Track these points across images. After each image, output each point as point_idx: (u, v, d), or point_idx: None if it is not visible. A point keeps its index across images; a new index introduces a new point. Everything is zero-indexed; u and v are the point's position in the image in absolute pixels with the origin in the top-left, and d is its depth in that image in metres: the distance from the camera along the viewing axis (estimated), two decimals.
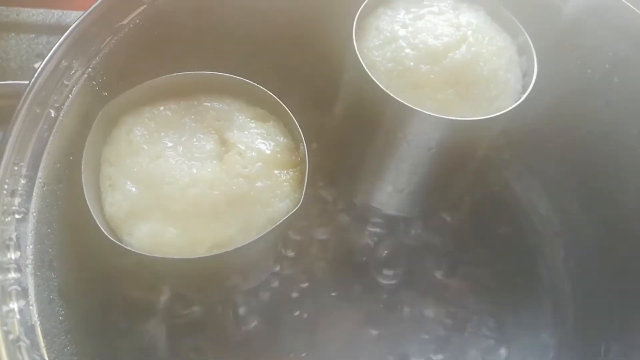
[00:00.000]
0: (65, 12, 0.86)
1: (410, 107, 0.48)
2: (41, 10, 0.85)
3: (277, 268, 0.59)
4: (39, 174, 0.42)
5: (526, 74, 0.55)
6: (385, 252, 0.66)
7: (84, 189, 0.45)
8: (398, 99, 0.48)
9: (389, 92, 0.48)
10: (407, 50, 0.52)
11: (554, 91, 0.58)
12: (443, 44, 0.52)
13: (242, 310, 0.57)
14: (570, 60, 0.60)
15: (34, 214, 0.41)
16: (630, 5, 0.55)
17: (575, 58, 0.60)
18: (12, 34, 0.83)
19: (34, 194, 0.42)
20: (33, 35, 0.83)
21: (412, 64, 0.51)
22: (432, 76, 0.51)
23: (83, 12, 0.47)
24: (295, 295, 0.61)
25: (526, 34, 0.56)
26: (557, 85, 0.58)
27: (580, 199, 0.65)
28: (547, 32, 0.58)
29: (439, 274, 0.65)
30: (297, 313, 0.60)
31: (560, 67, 0.59)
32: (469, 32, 0.54)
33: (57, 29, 0.83)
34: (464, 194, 0.68)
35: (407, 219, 0.67)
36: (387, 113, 0.51)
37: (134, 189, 0.46)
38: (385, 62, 0.52)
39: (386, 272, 0.65)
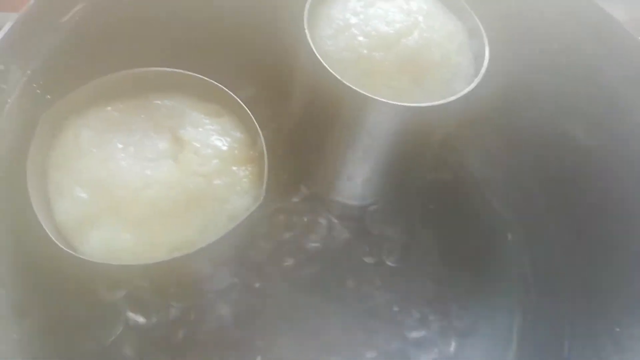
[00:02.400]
0: (1, 14, 0.81)
1: (366, 96, 0.47)
2: None
3: (243, 268, 0.58)
4: None
5: (477, 57, 0.56)
6: (345, 241, 0.66)
7: (31, 198, 0.42)
8: (353, 87, 0.47)
9: (344, 81, 0.48)
10: (360, 38, 0.52)
11: (506, 73, 0.59)
12: (395, 31, 0.52)
13: (210, 314, 0.56)
14: (521, 42, 0.61)
15: None
16: None
17: (526, 41, 0.61)
18: None
19: None
20: None
21: (365, 51, 0.51)
22: (386, 63, 0.51)
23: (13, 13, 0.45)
24: (259, 294, 0.59)
25: (476, 17, 0.56)
26: (509, 67, 0.59)
27: (539, 179, 0.66)
28: (497, 15, 0.58)
29: (390, 261, 0.65)
30: (261, 313, 0.59)
31: (511, 49, 0.59)
32: (420, 18, 0.54)
33: None
34: (422, 179, 0.68)
35: (365, 207, 0.67)
36: (344, 102, 0.50)
37: (84, 195, 0.44)
38: (339, 51, 0.51)
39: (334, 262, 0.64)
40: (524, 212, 0.70)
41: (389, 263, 0.65)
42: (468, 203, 0.71)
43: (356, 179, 0.61)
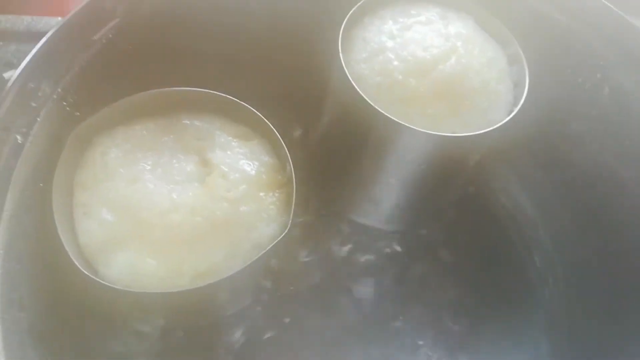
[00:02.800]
0: (34, 18, 0.81)
1: (399, 123, 0.46)
2: (9, 16, 0.81)
3: (262, 292, 0.57)
4: (5, 205, 0.39)
5: (517, 85, 0.54)
6: (369, 264, 0.64)
7: (55, 218, 0.42)
8: (387, 114, 0.46)
9: (377, 107, 0.46)
10: (396, 63, 0.50)
11: (546, 101, 0.57)
12: (432, 56, 0.50)
13: (229, 336, 0.55)
14: (562, 69, 0.58)
15: (1, 252, 0.38)
16: (621, 13, 0.54)
17: (567, 67, 0.58)
18: None
19: (0, 228, 0.39)
20: (1, 43, 0.79)
21: (400, 77, 0.49)
22: (421, 89, 0.49)
23: (54, 17, 0.44)
24: (280, 318, 0.58)
25: (517, 43, 0.54)
26: (549, 95, 0.57)
27: (573, 211, 0.64)
28: (537, 41, 0.56)
29: (413, 288, 0.63)
30: (282, 336, 0.58)
31: (551, 76, 0.57)
32: (459, 43, 0.52)
33: (27, 36, 0.79)
34: (451, 207, 0.66)
35: (392, 232, 0.65)
36: (376, 128, 0.49)
37: (109, 217, 0.44)
38: (373, 75, 0.50)
39: (371, 287, 0.63)
40: (557, 243, 0.67)
41: (411, 289, 0.63)
42: (497, 232, 0.69)
43: (384, 204, 0.59)
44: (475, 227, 0.68)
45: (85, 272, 0.40)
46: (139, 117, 0.49)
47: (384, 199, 0.59)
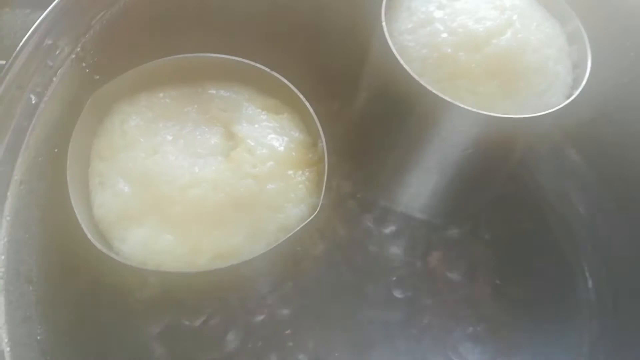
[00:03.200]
0: None
1: (446, 101, 0.42)
2: None
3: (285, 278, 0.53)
4: (15, 170, 0.36)
5: (577, 66, 0.49)
6: (404, 258, 0.60)
7: (70, 188, 0.39)
8: (433, 90, 0.41)
9: (422, 82, 0.42)
10: (444, 35, 0.45)
11: (607, 86, 0.51)
12: (485, 29, 0.46)
13: (248, 325, 0.51)
14: (625, 49, 0.53)
15: (8, 218, 0.35)
16: None
17: (631, 47, 0.52)
18: (6, 10, 0.77)
19: (8, 194, 0.36)
20: (28, 11, 0.77)
21: (449, 50, 0.45)
22: (472, 65, 0.45)
23: None
24: (302, 306, 0.55)
25: (577, 19, 0.49)
26: (611, 79, 0.51)
27: (626, 210, 0.58)
28: (600, 19, 0.51)
29: (464, 288, 0.59)
30: (308, 324, 0.54)
31: (614, 58, 0.52)
32: (515, 17, 0.47)
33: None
34: (496, 200, 0.61)
35: (428, 221, 0.61)
36: (419, 106, 0.45)
37: (127, 188, 0.40)
38: (418, 47, 0.46)
39: (404, 284, 0.58)
40: (602, 238, 0.61)
41: (448, 277, 0.59)
42: (540, 225, 0.64)
43: (422, 191, 0.55)
44: (517, 222, 0.63)
45: (99, 247, 0.37)
46: (162, 85, 0.45)
47: (422, 186, 0.55)
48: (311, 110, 0.43)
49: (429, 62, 0.45)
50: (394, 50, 0.44)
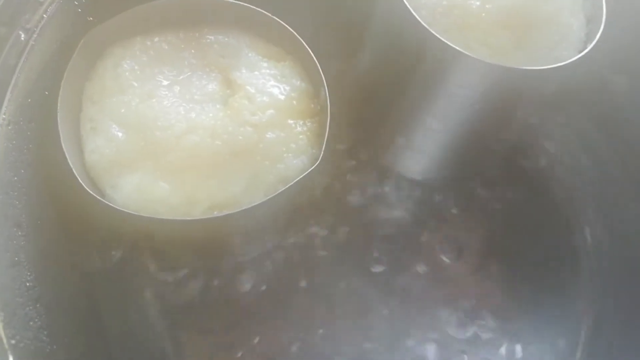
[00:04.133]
0: None
1: (456, 50, 0.40)
2: None
3: (284, 235, 0.52)
4: (3, 109, 0.35)
5: (590, 21, 0.47)
6: (403, 221, 0.58)
7: (61, 132, 0.37)
8: (442, 39, 0.40)
9: (431, 31, 0.40)
10: None
11: (620, 44, 0.49)
12: None
13: (241, 282, 0.50)
14: None
15: None
16: None
17: None
18: None
19: None
20: None
21: None
22: (483, 15, 0.43)
23: None
24: (301, 264, 0.53)
25: None
26: (625, 37, 0.49)
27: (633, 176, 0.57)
28: None
29: (446, 255, 0.58)
30: (302, 284, 0.53)
31: (629, 14, 0.50)
32: None
33: None
34: (502, 161, 0.59)
35: (433, 186, 0.59)
36: (427, 57, 0.43)
37: (120, 134, 0.39)
38: None
39: (395, 247, 0.57)
40: (609, 212, 0.60)
41: (444, 259, 0.58)
42: (546, 194, 0.62)
43: (426, 152, 0.54)
44: (522, 184, 0.61)
45: (91, 192, 0.36)
46: (158, 28, 0.43)
47: (426, 144, 0.53)
48: (314, 57, 0.41)
49: (437, 11, 0.43)
50: None
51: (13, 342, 0.30)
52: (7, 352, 0.29)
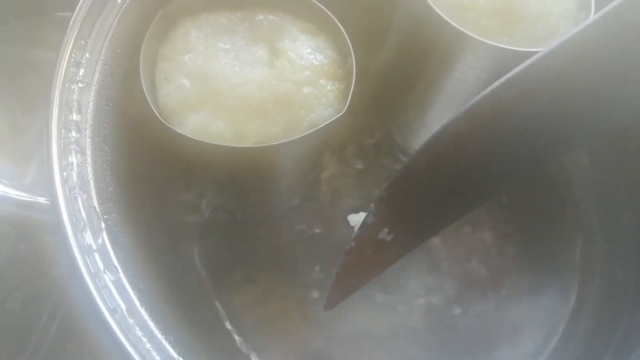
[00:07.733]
0: None
1: (456, 30, 0.47)
2: None
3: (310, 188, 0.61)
4: (102, 52, 0.45)
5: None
6: None
7: (142, 78, 0.47)
8: (444, 16, 0.48)
9: (438, 11, 0.48)
10: None
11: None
12: None
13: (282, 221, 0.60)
14: None
15: (95, 87, 0.44)
16: None
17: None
18: None
19: (96, 69, 0.44)
20: None
21: None
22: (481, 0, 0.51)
23: None
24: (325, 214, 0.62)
25: None
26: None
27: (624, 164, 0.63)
28: None
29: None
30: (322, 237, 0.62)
31: None
32: None
33: None
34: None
35: None
36: (436, 37, 0.51)
37: (187, 83, 0.49)
38: None
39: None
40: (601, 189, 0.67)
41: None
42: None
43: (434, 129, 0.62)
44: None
45: (165, 122, 0.45)
46: (220, 8, 0.54)
47: (434, 122, 0.61)
48: (344, 32, 0.51)
49: None
50: None
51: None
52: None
